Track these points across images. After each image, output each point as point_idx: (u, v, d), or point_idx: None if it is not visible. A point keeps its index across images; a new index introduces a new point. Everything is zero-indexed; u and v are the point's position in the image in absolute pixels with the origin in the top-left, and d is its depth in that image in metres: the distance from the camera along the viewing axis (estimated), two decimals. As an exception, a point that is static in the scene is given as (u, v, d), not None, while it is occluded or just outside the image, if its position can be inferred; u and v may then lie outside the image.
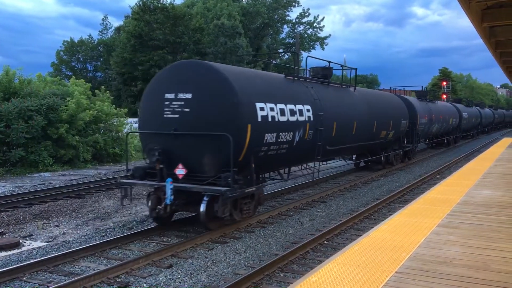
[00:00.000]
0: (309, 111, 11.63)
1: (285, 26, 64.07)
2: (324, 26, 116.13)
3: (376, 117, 16.52)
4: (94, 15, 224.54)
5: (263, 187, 10.87)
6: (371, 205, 12.06)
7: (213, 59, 42.07)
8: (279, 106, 10.42)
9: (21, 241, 9.18)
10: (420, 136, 24.05)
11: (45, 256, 8.04)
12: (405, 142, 21.72)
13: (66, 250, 8.37)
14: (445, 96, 56.44)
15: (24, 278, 7.07)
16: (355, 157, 19.14)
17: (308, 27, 64.53)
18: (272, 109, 10.09)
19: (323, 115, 12.22)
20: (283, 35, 65.26)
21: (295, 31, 63.57)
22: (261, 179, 11.10)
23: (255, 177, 10.01)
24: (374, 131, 16.62)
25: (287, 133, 10.65)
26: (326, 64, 14.47)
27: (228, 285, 6.43)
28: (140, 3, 42.33)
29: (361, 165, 20.57)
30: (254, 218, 10.43)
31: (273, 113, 10.11)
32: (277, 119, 10.23)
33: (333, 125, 13.01)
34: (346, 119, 14.04)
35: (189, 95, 9.38)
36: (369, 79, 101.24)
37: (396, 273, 4.45)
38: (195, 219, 10.68)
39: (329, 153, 13.73)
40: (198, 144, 9.26)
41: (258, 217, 10.62)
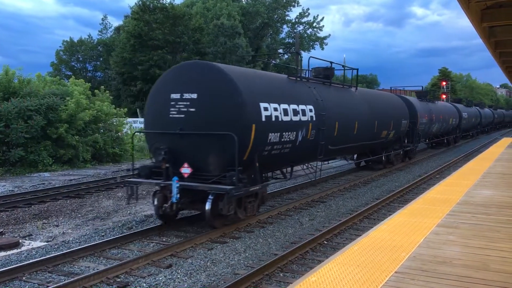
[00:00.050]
0: (311, 111, 11.70)
1: (285, 26, 64.21)
2: (323, 26, 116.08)
3: (377, 117, 16.55)
4: (93, 15, 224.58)
5: (267, 186, 10.95)
6: (371, 205, 12.06)
7: (213, 59, 42.08)
8: (283, 106, 10.51)
9: (20, 241, 9.18)
10: (420, 136, 24.08)
11: (44, 256, 8.04)
12: (405, 141, 21.74)
13: (65, 250, 8.37)
14: (444, 96, 56.46)
15: (23, 278, 7.07)
16: (356, 156, 19.16)
17: (307, 27, 64.62)
18: (275, 109, 10.18)
19: (325, 115, 12.29)
20: (282, 35, 65.42)
21: (295, 31, 63.65)
22: (264, 178, 11.18)
23: (259, 176, 10.10)
24: (375, 130, 16.65)
25: (290, 133, 10.72)
26: (328, 64, 14.50)
27: (227, 285, 6.42)
28: (139, 3, 42.35)
29: (361, 165, 20.60)
30: (253, 218, 10.44)
31: (277, 113, 10.20)
32: (280, 119, 10.32)
33: (335, 125, 13.08)
34: (347, 119, 14.10)
35: (194, 95, 9.48)
36: (369, 79, 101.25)
37: (395, 273, 4.45)
38: (194, 219, 10.70)
39: (331, 152, 13.77)
40: (203, 143, 9.35)
41: (257, 217, 10.62)
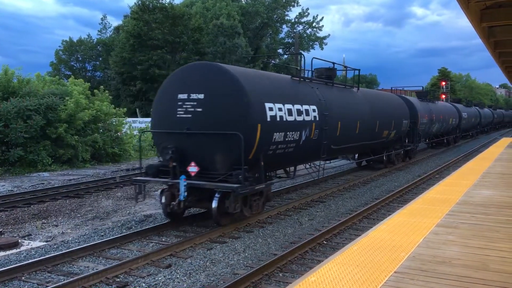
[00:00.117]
0: (314, 111, 11.84)
1: (284, 26, 64.12)
2: (323, 26, 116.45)
3: (378, 117, 16.68)
4: (93, 14, 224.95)
5: (271, 184, 11.14)
6: (370, 205, 12.06)
7: (212, 58, 42.07)
8: (287, 106, 10.64)
9: (20, 241, 9.17)
10: (421, 135, 24.16)
11: (44, 256, 8.03)
12: (406, 141, 21.80)
13: (65, 249, 8.37)
14: (443, 96, 56.46)
15: (23, 278, 7.06)
16: (357, 156, 19.22)
17: (307, 27, 64.56)
18: (280, 109, 10.33)
19: (328, 115, 12.42)
20: (282, 35, 65.32)
21: (294, 31, 63.60)
22: (268, 177, 11.32)
23: (264, 174, 10.24)
24: (376, 130, 16.77)
25: (294, 133, 10.85)
26: (330, 65, 14.57)
27: (227, 285, 6.42)
28: (139, 2, 42.32)
29: (363, 164, 20.64)
30: (253, 218, 10.45)
31: (281, 113, 10.35)
32: (285, 119, 10.45)
33: (338, 125, 13.22)
34: (350, 119, 14.24)
35: (201, 96, 9.63)
36: (369, 79, 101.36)
37: (395, 273, 4.44)
38: (194, 218, 10.70)
39: (334, 152, 13.92)
40: (210, 142, 9.49)
41: (257, 217, 10.62)
